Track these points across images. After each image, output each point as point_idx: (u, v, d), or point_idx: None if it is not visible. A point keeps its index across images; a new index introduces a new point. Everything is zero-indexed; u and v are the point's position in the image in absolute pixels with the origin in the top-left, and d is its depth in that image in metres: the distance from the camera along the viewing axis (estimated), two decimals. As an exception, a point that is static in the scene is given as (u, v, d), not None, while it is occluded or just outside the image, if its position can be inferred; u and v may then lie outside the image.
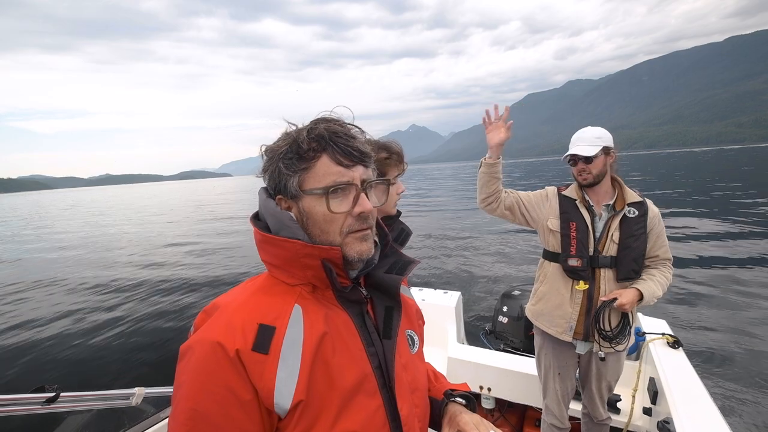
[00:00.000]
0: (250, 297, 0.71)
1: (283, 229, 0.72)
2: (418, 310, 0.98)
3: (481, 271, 8.67)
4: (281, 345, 0.66)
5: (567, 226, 1.91)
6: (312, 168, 0.70)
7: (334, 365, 0.69)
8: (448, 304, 3.15)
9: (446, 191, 36.65)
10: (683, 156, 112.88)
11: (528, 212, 2.02)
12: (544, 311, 2.01)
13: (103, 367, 5.02)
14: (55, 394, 1.32)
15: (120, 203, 53.33)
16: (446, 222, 17.19)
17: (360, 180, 0.72)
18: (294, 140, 0.71)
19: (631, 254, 1.83)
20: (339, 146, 0.70)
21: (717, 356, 4.48)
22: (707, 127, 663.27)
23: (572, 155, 1.86)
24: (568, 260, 1.89)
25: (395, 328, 0.80)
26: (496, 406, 2.70)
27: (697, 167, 48.16)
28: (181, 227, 20.82)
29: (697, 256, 8.81)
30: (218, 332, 0.64)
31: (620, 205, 1.87)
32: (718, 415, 1.65)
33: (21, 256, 14.59)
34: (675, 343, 2.30)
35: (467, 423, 0.83)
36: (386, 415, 0.73)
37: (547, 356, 2.07)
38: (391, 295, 0.82)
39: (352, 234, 0.72)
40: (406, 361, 0.82)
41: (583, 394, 2.13)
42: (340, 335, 0.72)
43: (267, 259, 0.76)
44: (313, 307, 0.72)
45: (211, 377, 0.62)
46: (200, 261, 11.61)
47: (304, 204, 0.72)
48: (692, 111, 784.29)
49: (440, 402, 0.93)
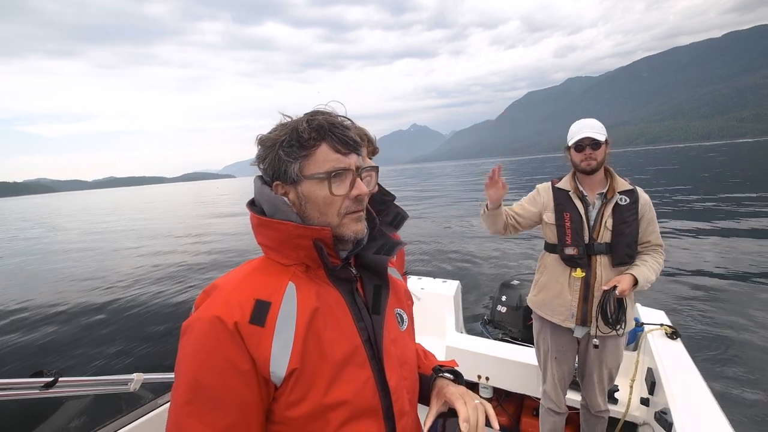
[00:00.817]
0: (247, 276, 0.76)
1: (277, 213, 0.77)
2: (407, 291, 1.02)
3: (480, 260, 8.70)
4: (276, 318, 0.70)
5: (561, 217, 1.98)
6: (312, 155, 0.75)
7: (326, 338, 0.74)
8: (446, 293, 3.16)
9: (446, 186, 36.68)
10: (693, 150, 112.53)
11: (527, 218, 2.10)
12: (545, 301, 2.07)
13: (101, 352, 5.06)
14: (53, 378, 1.34)
15: (126, 205, 53.42)
16: (445, 212, 17.26)
17: (355, 166, 0.78)
18: (294, 129, 0.75)
19: (625, 240, 1.90)
20: (337, 135, 0.76)
21: (715, 347, 4.49)
22: (708, 122, 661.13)
23: (587, 138, 1.88)
24: (564, 249, 1.96)
25: (383, 305, 0.85)
26: (494, 395, 2.71)
27: (706, 161, 48.03)
28: (184, 222, 20.92)
29: (697, 247, 8.83)
30: (217, 308, 0.69)
31: (612, 194, 1.94)
32: (716, 405, 1.66)
33: (27, 253, 14.71)
34: (673, 334, 2.31)
35: (453, 393, 0.85)
36: (376, 385, 0.78)
37: (545, 340, 2.11)
38: (380, 274, 0.86)
39: (349, 215, 0.78)
40: (395, 336, 0.86)
41: (583, 384, 2.15)
42: (331, 310, 0.77)
43: (262, 242, 0.81)
44: (306, 284, 0.77)
45: (211, 349, 0.66)
46: (200, 251, 11.72)
47: (303, 189, 0.77)
48: (693, 106, 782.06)
49: (429, 377, 0.95)
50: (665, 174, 32.95)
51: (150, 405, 1.62)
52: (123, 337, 5.54)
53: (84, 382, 1.45)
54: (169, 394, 1.67)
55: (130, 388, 1.57)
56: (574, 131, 1.95)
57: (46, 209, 60.21)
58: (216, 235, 16.19)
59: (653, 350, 2.19)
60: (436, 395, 0.90)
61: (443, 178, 56.55)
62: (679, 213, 13.20)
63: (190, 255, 11.66)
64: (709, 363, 4.13)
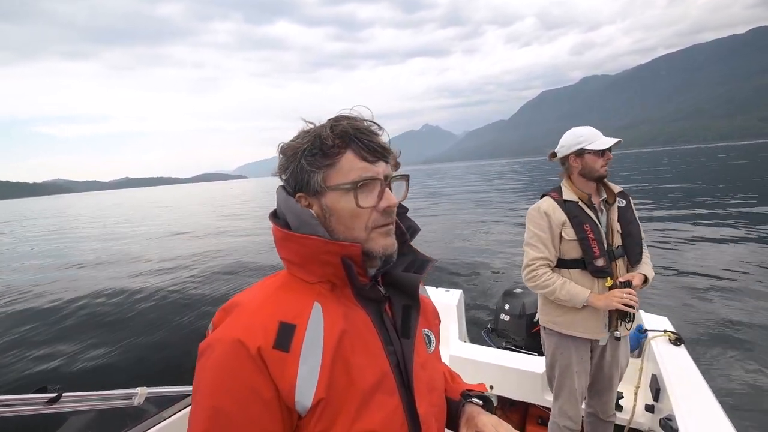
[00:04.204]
0: (270, 295, 0.71)
1: (303, 226, 0.71)
2: (435, 310, 0.96)
3: (482, 268, 8.60)
4: (302, 343, 0.65)
5: (582, 230, 1.89)
6: (337, 164, 0.70)
7: (354, 364, 0.69)
8: (449, 302, 3.14)
9: (449, 189, 36.44)
10: (708, 151, 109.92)
11: (557, 248, 1.95)
12: (575, 320, 1.94)
13: (105, 367, 5.08)
14: (57, 394, 1.33)
15: (147, 205, 54.45)
16: (448, 219, 17.15)
17: (383, 175, 0.72)
18: (317, 136, 0.70)
19: (635, 240, 1.96)
20: (363, 142, 0.70)
21: (719, 353, 4.43)
22: (729, 122, 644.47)
23: (618, 141, 1.88)
24: (594, 262, 1.87)
25: (413, 327, 0.79)
26: (498, 404, 2.70)
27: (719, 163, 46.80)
28: (199, 226, 21.16)
29: (701, 252, 8.67)
30: (239, 330, 0.64)
31: (613, 198, 1.96)
32: (721, 411, 1.66)
33: (39, 259, 15.03)
34: (677, 340, 2.31)
35: (486, 424, 0.81)
36: (404, 414, 0.73)
37: (564, 355, 2.00)
38: (410, 293, 0.81)
39: (377, 229, 0.72)
40: (423, 361, 0.81)
41: (595, 390, 2.10)
42: (359, 333, 0.72)
43: (286, 256, 0.75)
44: (333, 304, 0.72)
45: (232, 375, 0.62)
46: (210, 261, 11.77)
47: (327, 200, 0.72)
48: (713, 105, 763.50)
49: (457, 402, 0.91)
50: (665, 175, 32.21)
51: (155, 419, 1.61)
52: (127, 350, 5.55)
53: (88, 397, 1.44)
54: (174, 407, 1.67)
55: (135, 402, 1.56)
56: (589, 136, 1.88)
57: (69, 210, 61.56)
58: (227, 236, 16.36)
59: (657, 357, 2.19)
60: (466, 423, 0.86)
61: (448, 181, 56.14)
62: (687, 216, 12.87)
63: (201, 261, 11.74)
64: (713, 369, 4.08)
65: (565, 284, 1.90)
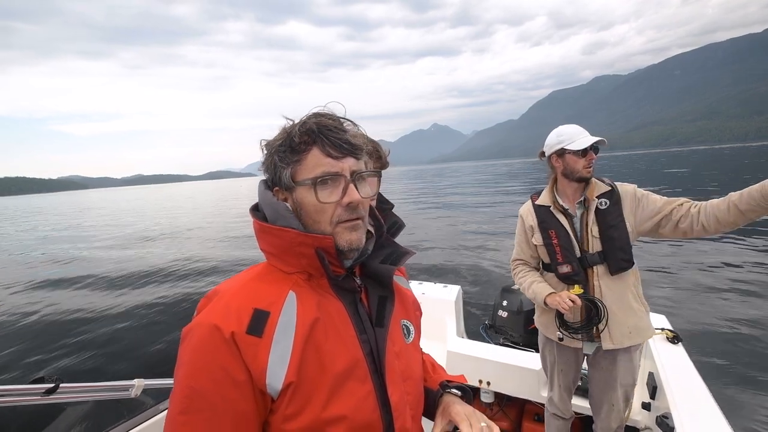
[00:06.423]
0: (248, 283, 0.75)
1: (279, 219, 0.75)
2: (415, 301, 0.98)
3: (481, 265, 8.62)
4: (274, 329, 0.69)
5: (548, 236, 1.89)
6: (303, 160, 0.73)
7: (326, 350, 0.72)
8: (447, 298, 3.15)
9: (451, 188, 36.30)
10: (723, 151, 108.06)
11: (532, 249, 2.00)
12: (548, 322, 2.00)
13: (102, 358, 5.13)
14: (54, 384, 1.35)
15: (162, 202, 55.02)
16: (448, 217, 17.14)
17: (350, 171, 0.74)
18: (288, 134, 0.74)
19: (616, 244, 1.78)
20: (329, 139, 0.72)
21: (717, 351, 4.42)
22: (744, 123, 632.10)
23: (601, 140, 1.76)
24: (558, 268, 1.87)
25: (388, 317, 0.82)
26: (496, 400, 2.70)
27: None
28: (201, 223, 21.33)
29: (700, 251, 8.60)
30: (216, 315, 0.68)
31: (589, 200, 1.83)
32: (717, 410, 1.66)
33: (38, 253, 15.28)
34: (674, 338, 2.31)
35: (458, 413, 0.83)
36: (377, 401, 0.75)
37: (551, 353, 2.09)
38: (385, 284, 0.84)
39: (342, 224, 0.75)
40: (399, 350, 0.83)
41: (592, 404, 2.04)
42: (332, 322, 0.75)
43: (265, 248, 0.79)
44: (308, 294, 0.75)
45: (208, 358, 0.65)
46: (206, 255, 11.89)
47: (297, 195, 0.75)
48: (728, 106, 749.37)
49: (435, 392, 0.93)
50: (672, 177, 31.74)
51: (151, 411, 1.62)
52: (124, 341, 5.59)
53: (85, 388, 1.46)
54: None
55: (131, 393, 1.58)
56: (571, 135, 1.80)
57: (82, 206, 62.45)
58: (224, 231, 16.48)
59: (654, 355, 2.19)
60: (442, 413, 0.87)
61: (455, 179, 55.91)
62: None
63: (195, 256, 11.76)
64: (710, 367, 4.07)
65: (533, 284, 1.93)
